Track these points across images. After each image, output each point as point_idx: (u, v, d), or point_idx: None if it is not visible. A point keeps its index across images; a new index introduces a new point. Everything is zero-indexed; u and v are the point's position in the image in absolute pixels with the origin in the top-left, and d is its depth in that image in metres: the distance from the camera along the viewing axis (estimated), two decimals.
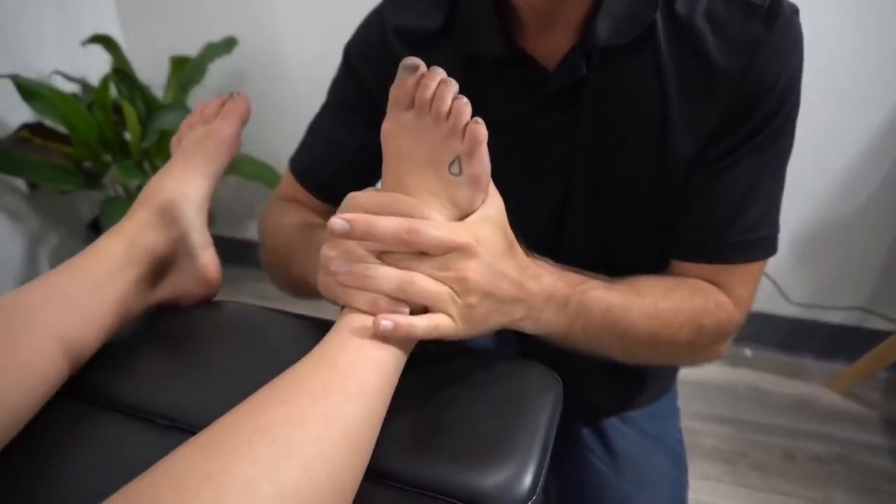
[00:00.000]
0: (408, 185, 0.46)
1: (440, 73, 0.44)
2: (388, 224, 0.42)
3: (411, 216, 0.43)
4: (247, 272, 1.97)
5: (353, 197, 0.45)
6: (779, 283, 1.52)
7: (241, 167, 1.56)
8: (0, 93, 1.36)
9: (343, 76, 0.68)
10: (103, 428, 0.47)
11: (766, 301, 1.55)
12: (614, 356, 0.56)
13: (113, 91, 1.47)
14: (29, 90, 1.34)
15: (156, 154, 1.52)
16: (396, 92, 0.45)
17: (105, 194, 1.53)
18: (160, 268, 0.56)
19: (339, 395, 0.37)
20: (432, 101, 0.44)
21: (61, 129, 1.44)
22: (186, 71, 1.55)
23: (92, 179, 1.51)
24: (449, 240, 0.42)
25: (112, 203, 1.43)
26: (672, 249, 0.60)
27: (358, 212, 0.43)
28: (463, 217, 0.45)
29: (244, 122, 0.67)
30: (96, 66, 1.56)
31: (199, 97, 1.59)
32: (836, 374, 1.49)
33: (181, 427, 0.46)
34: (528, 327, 0.49)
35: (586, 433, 0.81)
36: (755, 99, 0.53)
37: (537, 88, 0.57)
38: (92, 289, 0.49)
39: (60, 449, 0.44)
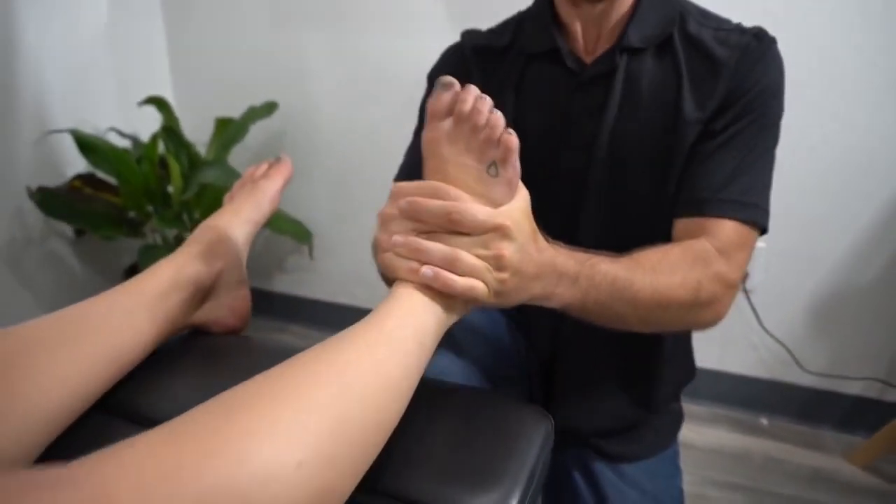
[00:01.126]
0: (450, 182, 0.52)
1: (475, 90, 0.52)
2: (435, 206, 0.49)
3: (451, 200, 0.49)
4: (272, 323, 2.03)
5: (400, 185, 0.52)
6: (793, 352, 1.51)
7: (273, 222, 1.64)
8: (60, 146, 1.49)
9: (427, 97, 0.80)
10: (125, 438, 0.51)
11: (782, 369, 1.55)
12: (632, 325, 0.62)
13: (161, 147, 1.59)
14: (86, 143, 1.46)
15: (195, 206, 1.62)
16: (434, 105, 0.53)
17: (144, 242, 1.63)
18: (202, 294, 0.64)
19: (384, 351, 0.44)
20: (470, 114, 0.51)
21: (111, 180, 1.56)
22: (229, 131, 1.67)
23: (134, 228, 1.61)
24: (490, 222, 0.49)
25: (150, 250, 1.51)
26: (674, 209, 0.71)
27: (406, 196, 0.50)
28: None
29: (287, 180, 0.79)
30: (148, 123, 1.69)
31: (239, 155, 1.71)
32: (855, 447, 1.46)
33: None
34: (546, 301, 0.55)
35: (587, 495, 0.82)
36: (744, 90, 0.68)
37: (580, 74, 0.74)
38: (146, 305, 0.57)
39: (81, 456, 0.49)
